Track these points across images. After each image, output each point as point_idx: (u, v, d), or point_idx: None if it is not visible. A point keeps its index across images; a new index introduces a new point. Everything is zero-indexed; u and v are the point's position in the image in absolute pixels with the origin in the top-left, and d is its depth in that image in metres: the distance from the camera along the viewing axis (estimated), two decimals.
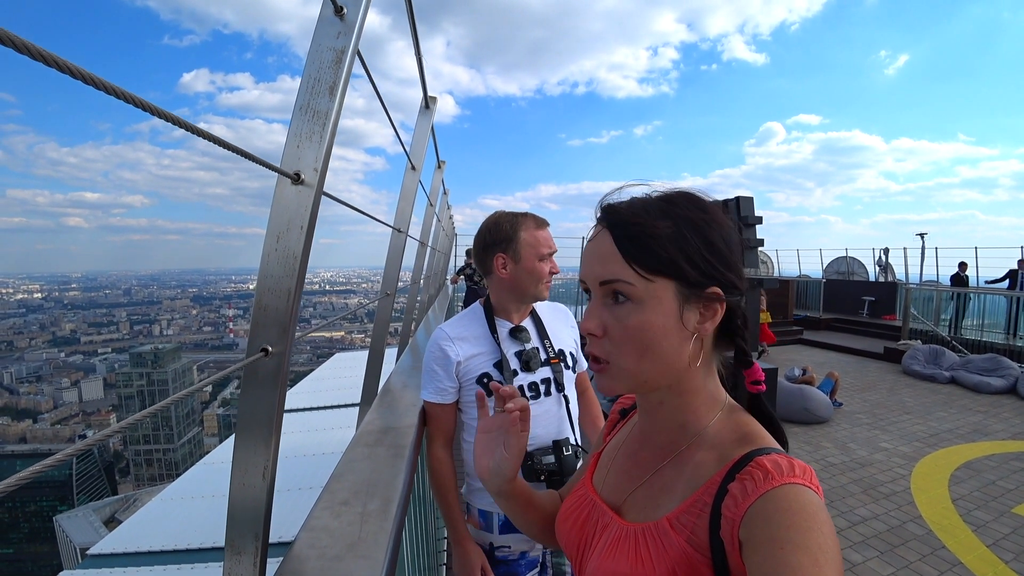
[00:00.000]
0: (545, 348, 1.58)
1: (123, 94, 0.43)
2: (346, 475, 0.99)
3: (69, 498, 56.67)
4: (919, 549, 3.50)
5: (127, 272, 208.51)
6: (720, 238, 0.64)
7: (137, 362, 74.50)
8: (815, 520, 0.53)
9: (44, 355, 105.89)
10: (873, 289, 14.00)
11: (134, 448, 71.43)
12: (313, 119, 0.72)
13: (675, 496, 0.65)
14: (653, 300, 0.62)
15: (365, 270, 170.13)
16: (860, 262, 16.46)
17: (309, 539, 0.78)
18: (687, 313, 0.63)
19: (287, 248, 0.71)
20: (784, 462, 0.58)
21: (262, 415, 0.72)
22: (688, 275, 0.62)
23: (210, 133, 0.58)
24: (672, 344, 0.63)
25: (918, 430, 5.88)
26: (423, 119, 2.01)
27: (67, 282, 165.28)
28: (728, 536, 0.57)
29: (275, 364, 0.72)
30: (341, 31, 0.75)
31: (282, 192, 0.71)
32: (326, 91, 0.73)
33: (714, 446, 0.65)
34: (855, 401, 7.01)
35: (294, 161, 0.72)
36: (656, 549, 0.62)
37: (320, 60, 0.74)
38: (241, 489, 0.75)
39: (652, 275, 0.62)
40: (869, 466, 4.89)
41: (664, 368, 0.64)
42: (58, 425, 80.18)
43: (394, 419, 1.34)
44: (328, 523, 0.83)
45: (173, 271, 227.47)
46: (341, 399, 6.78)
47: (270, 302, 0.71)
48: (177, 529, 4.64)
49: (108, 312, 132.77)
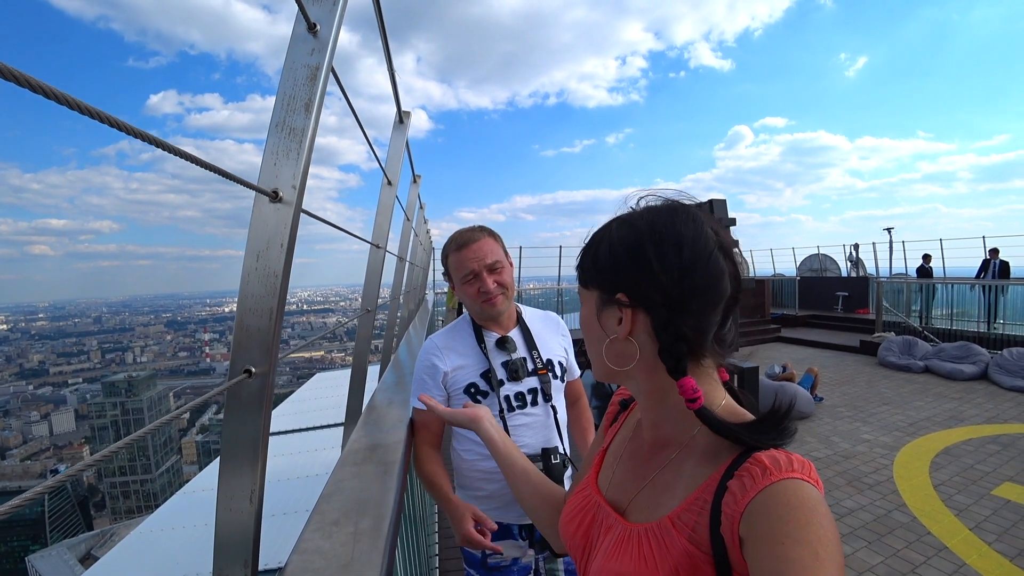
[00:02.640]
0: (533, 358, 1.58)
1: (95, 112, 0.42)
2: (335, 495, 0.97)
3: (42, 536, 54.40)
4: (905, 536, 3.57)
5: (97, 300, 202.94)
6: (652, 250, 0.65)
7: (110, 391, 72.20)
8: (815, 514, 0.53)
9: (11, 388, 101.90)
10: (846, 284, 14.34)
11: (109, 480, 69.00)
12: (289, 136, 0.71)
13: (676, 495, 0.65)
14: (585, 303, 0.74)
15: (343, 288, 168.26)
16: (832, 259, 16.86)
17: (301, 562, 0.76)
18: (605, 315, 0.70)
19: (267, 267, 0.70)
20: (783, 457, 0.58)
21: (247, 438, 0.71)
22: (601, 281, 0.70)
23: (185, 151, 0.57)
24: (596, 339, 0.72)
25: (897, 420, 6.01)
26: (397, 134, 2.01)
27: (34, 312, 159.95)
28: (728, 533, 0.57)
29: (259, 385, 0.70)
30: (315, 48, 0.75)
31: (260, 210, 0.70)
32: (302, 108, 0.72)
33: (712, 444, 0.66)
34: (835, 395, 7.15)
35: (271, 179, 0.71)
36: (659, 549, 0.62)
37: (295, 77, 0.74)
38: (227, 515, 0.73)
39: (583, 284, 0.74)
40: (852, 458, 4.97)
41: (598, 359, 0.73)
42: (28, 461, 77.05)
43: (381, 436, 1.32)
44: (320, 544, 0.81)
45: (145, 296, 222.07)
46: (324, 419, 6.66)
47: (252, 322, 0.70)
48: (158, 563, 4.48)
49: (78, 341, 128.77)
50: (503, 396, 1.52)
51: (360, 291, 1.93)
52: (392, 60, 1.55)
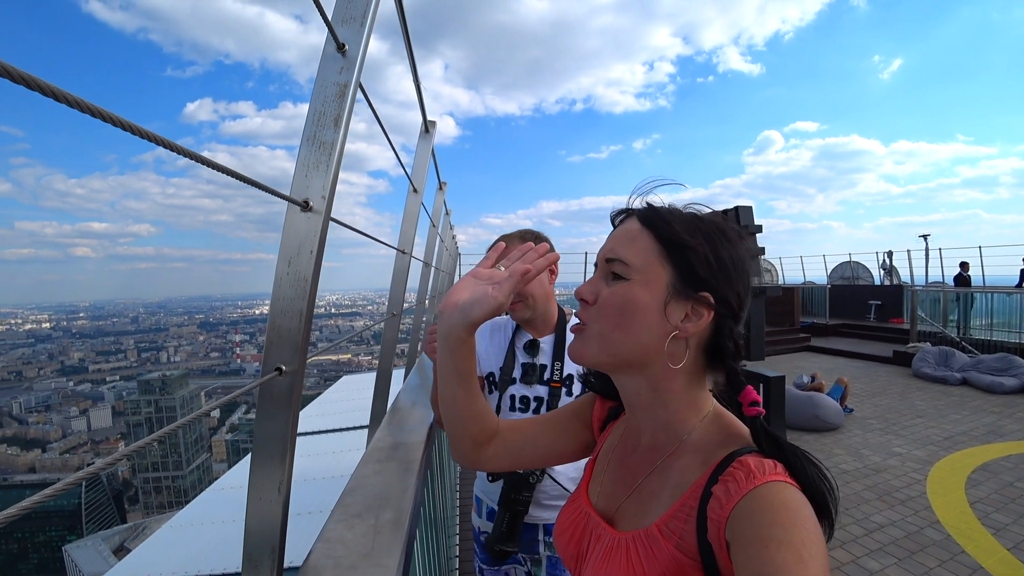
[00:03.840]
0: (553, 369, 1.57)
1: (132, 127, 0.46)
2: (358, 489, 1.02)
3: (78, 527, 56.46)
4: (938, 555, 3.46)
5: (134, 300, 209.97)
6: (730, 256, 0.67)
7: (145, 389, 74.61)
8: (799, 516, 0.53)
9: (53, 384, 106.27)
10: (879, 293, 13.95)
11: (143, 476, 71.26)
12: (320, 149, 0.76)
13: (663, 502, 0.66)
14: (643, 281, 0.66)
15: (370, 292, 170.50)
16: (864, 266, 16.43)
17: (324, 549, 0.81)
18: (672, 306, 0.65)
19: (298, 272, 0.74)
20: (767, 460, 0.59)
21: (277, 431, 0.75)
22: (684, 270, 0.66)
23: (220, 164, 0.61)
24: (648, 327, 0.65)
25: (932, 433, 5.82)
26: (423, 143, 2.07)
27: (75, 311, 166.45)
28: (715, 538, 0.57)
29: (289, 383, 0.75)
30: (343, 66, 0.80)
31: (292, 219, 0.75)
32: (331, 123, 0.77)
33: (698, 449, 0.66)
34: (866, 406, 6.96)
35: (303, 189, 0.76)
36: (647, 556, 0.63)
37: (325, 94, 0.78)
38: (258, 503, 0.77)
39: (655, 259, 0.66)
40: (883, 472, 4.84)
41: (634, 348, 0.66)
42: (67, 454, 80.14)
43: (403, 436, 1.37)
44: (342, 534, 0.85)
45: (180, 298, 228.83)
46: (349, 422, 6.77)
47: (283, 323, 0.75)
48: (188, 556, 4.63)
49: (116, 340, 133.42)
50: (508, 395, 1.55)
51: (386, 295, 1.98)
52: (418, 72, 1.61)
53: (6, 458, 76.41)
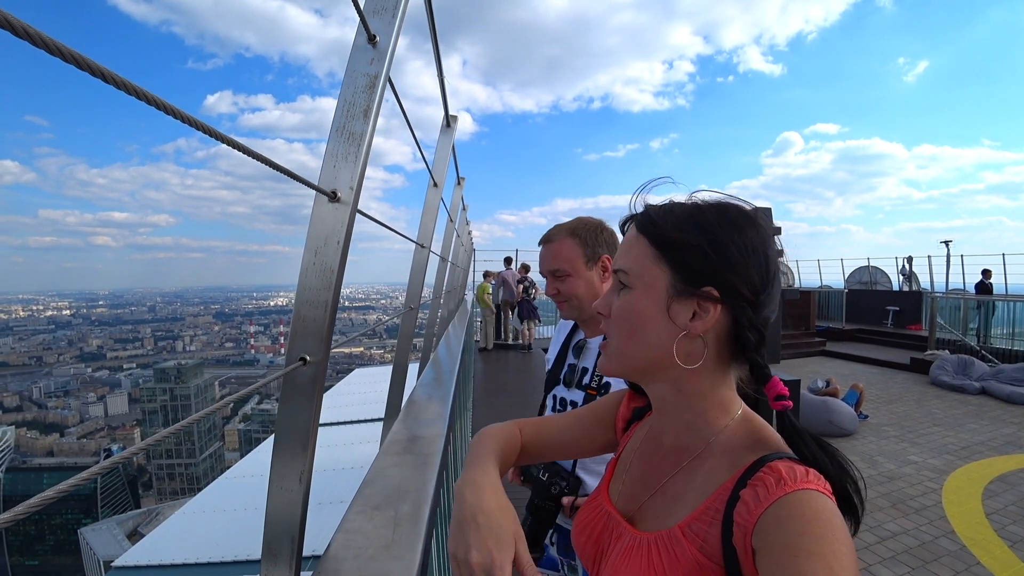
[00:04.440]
0: (593, 374, 1.48)
1: (190, 118, 0.47)
2: (377, 481, 1.02)
3: (94, 511, 57.57)
4: (952, 565, 3.40)
5: (152, 289, 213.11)
6: (736, 243, 0.63)
7: (161, 377, 75.83)
8: (830, 527, 0.51)
9: (72, 370, 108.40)
10: (897, 299, 13.74)
11: (157, 462, 72.47)
12: (349, 140, 0.76)
13: (687, 504, 0.64)
14: (642, 286, 0.66)
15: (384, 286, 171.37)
16: (883, 271, 16.18)
17: (345, 540, 0.81)
18: (676, 307, 0.64)
19: (324, 262, 0.75)
20: (799, 467, 0.57)
21: (300, 421, 0.76)
22: (681, 269, 0.64)
23: (252, 149, 0.61)
24: (657, 332, 0.64)
25: (949, 442, 5.73)
26: (444, 137, 2.07)
27: (94, 299, 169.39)
28: (741, 544, 0.56)
29: (313, 372, 0.75)
30: (374, 58, 0.80)
31: (320, 209, 0.76)
32: (360, 114, 0.77)
33: (725, 452, 0.64)
34: (881, 413, 6.86)
35: (331, 180, 0.76)
36: (668, 558, 0.61)
37: (355, 85, 0.78)
38: (278, 493, 0.78)
39: (651, 263, 0.65)
40: (898, 479, 4.77)
41: (649, 355, 0.65)
42: (84, 439, 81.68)
43: (421, 430, 1.37)
44: (362, 526, 0.86)
45: (196, 288, 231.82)
46: (363, 414, 6.82)
47: (308, 313, 0.75)
48: (200, 542, 4.71)
49: (133, 328, 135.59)
50: (552, 394, 1.53)
51: (400, 289, 1.99)
52: (443, 67, 1.60)
53: (26, 441, 78.12)
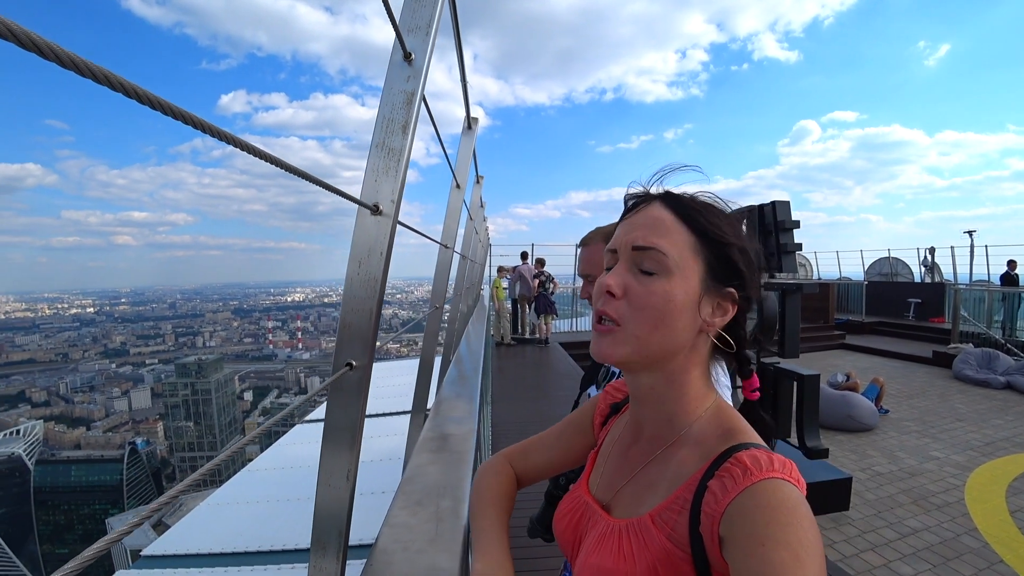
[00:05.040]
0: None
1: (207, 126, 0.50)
2: (416, 478, 1.07)
3: (120, 501, 59.07)
4: (974, 563, 3.38)
5: (172, 287, 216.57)
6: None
7: (182, 372, 77.39)
8: (795, 515, 0.53)
9: (96, 366, 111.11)
10: (919, 291, 13.51)
11: (179, 455, 74.18)
12: (388, 156, 0.80)
13: (659, 493, 0.66)
14: (681, 276, 0.64)
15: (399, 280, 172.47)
16: (904, 263, 15.89)
17: (391, 534, 0.86)
18: (704, 301, 0.66)
19: (368, 273, 0.79)
20: (763, 457, 0.58)
21: (347, 423, 0.80)
22: (717, 265, 0.66)
23: (295, 167, 0.65)
24: (685, 324, 0.65)
25: (972, 438, 5.66)
26: (466, 139, 2.11)
27: (117, 297, 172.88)
28: (708, 532, 0.57)
29: (359, 377, 0.80)
30: (410, 75, 0.83)
31: (362, 222, 0.80)
32: (399, 130, 0.81)
33: (698, 442, 0.66)
34: (903, 408, 6.79)
35: (373, 194, 0.80)
36: (638, 545, 0.63)
37: (392, 102, 0.82)
38: (327, 490, 0.82)
39: (690, 253, 0.65)
40: (919, 475, 4.74)
41: (670, 345, 0.65)
42: (110, 432, 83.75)
43: (452, 427, 1.42)
44: (407, 520, 0.90)
45: (215, 285, 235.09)
46: (388, 407, 6.93)
47: (354, 321, 0.79)
48: (225, 533, 4.84)
49: (155, 325, 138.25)
50: (586, 393, 1.53)
51: (415, 283, 2.02)
52: (465, 71, 1.64)
53: (54, 435, 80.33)
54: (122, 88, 0.35)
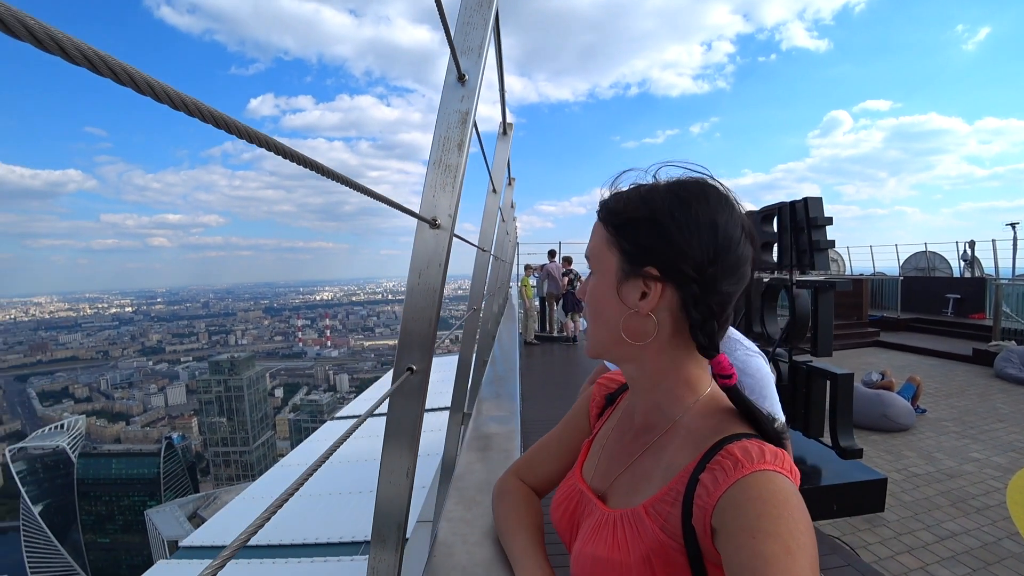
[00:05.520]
0: None
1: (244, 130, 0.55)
2: (467, 475, 1.13)
3: (157, 494, 61.20)
4: (1017, 568, 3.30)
5: (205, 286, 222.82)
6: (678, 220, 0.64)
7: (215, 369, 79.70)
8: (786, 506, 0.53)
9: (135, 363, 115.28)
10: (958, 286, 13.05)
11: (213, 450, 76.43)
12: (445, 172, 0.85)
13: (653, 484, 0.66)
14: (600, 270, 0.70)
15: None
16: (942, 257, 15.36)
17: (450, 528, 0.92)
18: (626, 288, 0.67)
19: (427, 283, 0.84)
20: (755, 449, 0.58)
21: (408, 423, 0.86)
22: (625, 250, 0.67)
23: (357, 183, 0.69)
24: (612, 314, 0.68)
25: (1014, 439, 5.48)
26: (501, 144, 2.16)
27: (153, 297, 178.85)
28: (700, 524, 0.58)
29: (419, 380, 0.85)
30: (464, 95, 0.88)
31: (422, 235, 0.85)
32: (455, 148, 0.86)
33: (690, 433, 0.66)
34: (941, 407, 6.61)
35: (431, 208, 0.85)
36: (632, 535, 0.64)
37: (448, 121, 0.87)
38: (387, 486, 0.88)
39: (605, 247, 0.69)
40: (958, 477, 4.62)
41: (608, 334, 0.69)
42: (147, 427, 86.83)
43: (494, 427, 1.47)
44: (463, 515, 0.96)
45: (246, 284, 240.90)
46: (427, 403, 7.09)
47: (415, 328, 0.85)
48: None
49: (189, 324, 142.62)
50: None
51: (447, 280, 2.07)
52: (504, 78, 1.68)
53: (96, 429, 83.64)
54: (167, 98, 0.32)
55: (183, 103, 0.31)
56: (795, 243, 4.84)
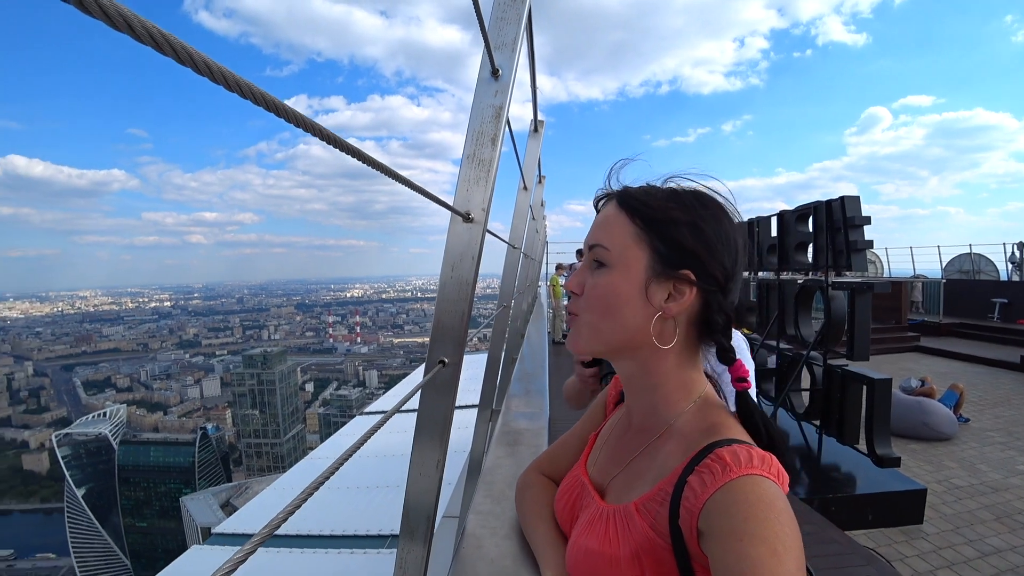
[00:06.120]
0: None
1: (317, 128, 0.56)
2: (496, 470, 1.13)
3: (192, 482, 63.33)
4: None
5: (239, 283, 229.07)
6: (713, 232, 0.66)
7: (249, 363, 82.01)
8: (773, 510, 0.54)
9: (172, 356, 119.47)
10: (1005, 290, 12.47)
11: (246, 441, 78.72)
12: (479, 166, 0.86)
13: (646, 483, 0.67)
14: (623, 266, 0.67)
15: None
16: (988, 259, 14.68)
17: (479, 520, 0.92)
18: (654, 288, 0.66)
19: (460, 277, 0.85)
20: (743, 453, 0.58)
21: (439, 416, 0.86)
22: (661, 250, 0.66)
23: (400, 174, 0.69)
24: (633, 313, 0.66)
25: None
26: (532, 142, 2.16)
27: (190, 292, 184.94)
28: (687, 526, 0.58)
29: (450, 373, 0.86)
30: (498, 90, 0.88)
31: (455, 229, 0.86)
32: (488, 142, 0.86)
33: (683, 436, 0.67)
34: (985, 417, 6.34)
35: (464, 202, 0.86)
36: (623, 531, 0.65)
37: (482, 116, 0.87)
38: (418, 478, 0.89)
39: (632, 242, 0.67)
40: (1004, 491, 4.42)
41: (622, 333, 0.67)
42: (184, 417, 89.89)
43: (523, 423, 1.48)
44: (491, 508, 0.97)
45: (279, 281, 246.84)
46: None
47: (447, 321, 0.85)
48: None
49: (224, 318, 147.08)
50: None
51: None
52: (536, 76, 1.68)
53: (136, 418, 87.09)
54: (252, 95, 0.34)
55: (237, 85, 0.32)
56: (831, 243, 4.71)
